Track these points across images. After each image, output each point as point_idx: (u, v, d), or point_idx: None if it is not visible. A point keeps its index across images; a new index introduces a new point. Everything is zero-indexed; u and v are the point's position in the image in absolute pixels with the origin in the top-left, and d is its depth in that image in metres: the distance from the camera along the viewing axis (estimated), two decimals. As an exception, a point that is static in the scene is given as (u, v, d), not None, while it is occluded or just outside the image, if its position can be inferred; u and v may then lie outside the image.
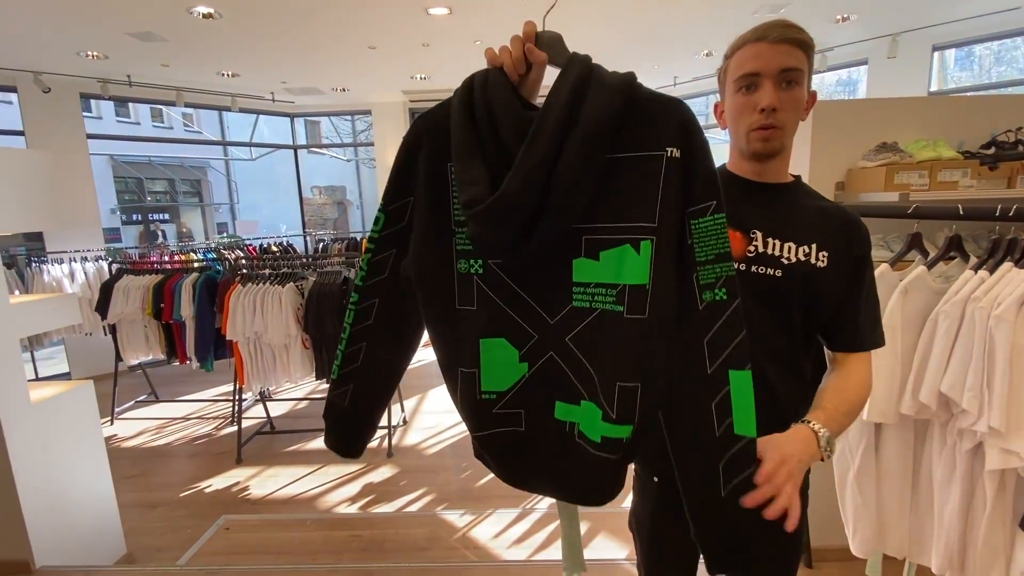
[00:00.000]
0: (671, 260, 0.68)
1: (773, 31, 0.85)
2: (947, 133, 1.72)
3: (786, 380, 0.92)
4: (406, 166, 0.77)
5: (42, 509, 2.10)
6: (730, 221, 0.92)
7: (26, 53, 4.28)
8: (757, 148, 0.90)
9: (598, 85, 0.67)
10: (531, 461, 0.80)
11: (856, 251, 0.91)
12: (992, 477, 1.09)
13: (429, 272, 0.76)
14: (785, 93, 0.85)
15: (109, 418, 4.14)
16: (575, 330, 0.72)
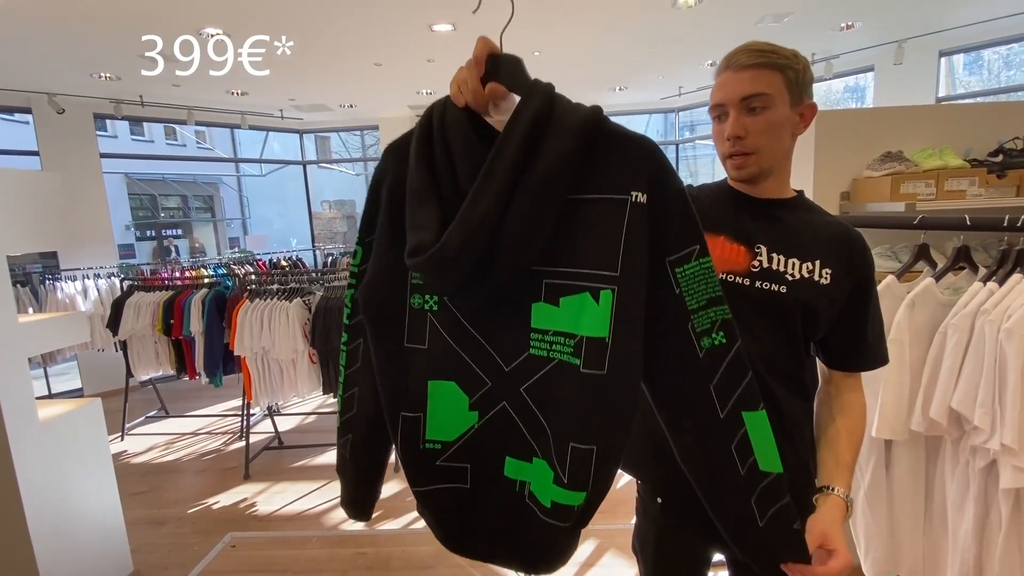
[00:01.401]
0: (637, 313, 0.62)
1: (737, 58, 0.86)
2: (953, 141, 1.70)
3: (789, 393, 0.91)
4: (374, 198, 0.72)
5: (49, 528, 2.10)
6: (735, 235, 0.92)
7: (41, 75, 4.39)
8: (732, 175, 0.92)
9: (559, 121, 0.61)
10: (475, 523, 0.74)
11: (859, 273, 0.91)
12: (1007, 496, 1.05)
13: (380, 303, 0.70)
14: (751, 119, 0.85)
15: (120, 434, 4.17)
16: (531, 380, 0.67)
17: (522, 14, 3.55)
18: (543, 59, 4.59)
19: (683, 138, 7.23)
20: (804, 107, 0.88)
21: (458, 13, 3.50)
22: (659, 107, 6.70)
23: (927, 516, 1.26)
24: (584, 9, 3.55)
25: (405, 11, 3.41)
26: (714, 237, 0.92)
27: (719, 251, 0.91)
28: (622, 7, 3.57)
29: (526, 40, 4.10)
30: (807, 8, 3.75)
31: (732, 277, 0.90)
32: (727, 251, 0.91)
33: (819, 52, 4.78)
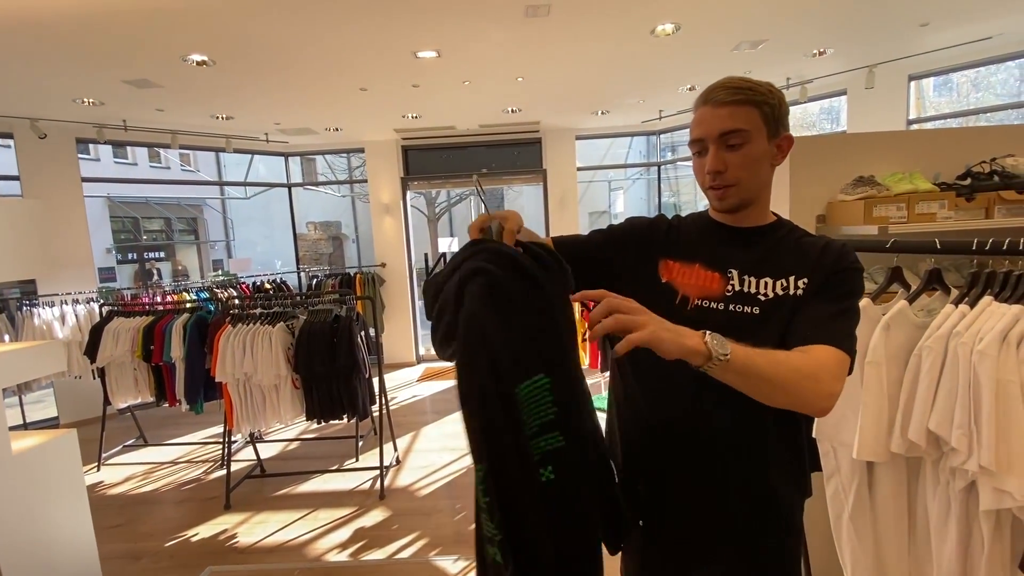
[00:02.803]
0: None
1: (716, 94, 0.88)
2: (922, 165, 1.75)
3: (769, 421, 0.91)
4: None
5: (20, 563, 2.02)
6: (708, 262, 0.94)
7: (23, 100, 4.36)
8: (715, 205, 0.95)
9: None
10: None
11: (833, 265, 0.89)
12: (988, 517, 1.06)
13: None
14: (730, 154, 0.88)
15: (96, 464, 4.05)
16: None
17: (503, 41, 3.63)
18: (526, 84, 4.67)
19: (664, 159, 7.36)
20: (781, 139, 0.91)
21: (442, 40, 3.56)
22: (641, 130, 6.84)
23: (911, 536, 1.27)
24: (565, 38, 3.63)
25: (390, 38, 3.46)
26: (690, 265, 0.94)
27: (694, 278, 0.93)
28: (602, 35, 3.66)
29: (508, 67, 4.19)
30: (781, 35, 3.89)
31: (707, 303, 0.92)
32: (701, 278, 0.93)
33: (793, 76, 4.94)
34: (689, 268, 0.94)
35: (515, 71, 4.32)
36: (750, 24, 3.66)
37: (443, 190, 11.68)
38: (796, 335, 0.85)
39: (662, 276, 0.95)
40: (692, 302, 0.93)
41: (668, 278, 0.95)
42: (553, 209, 6.60)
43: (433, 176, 6.91)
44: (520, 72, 4.35)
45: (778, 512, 0.94)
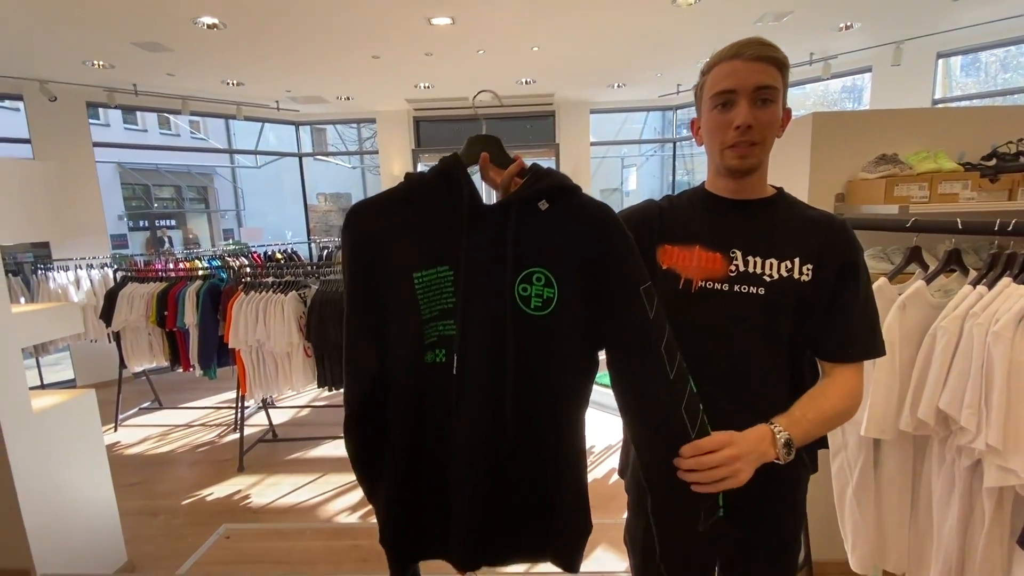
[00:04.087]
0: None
1: (748, 48, 0.86)
2: (947, 144, 1.71)
3: (772, 397, 0.92)
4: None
5: (43, 518, 2.10)
6: (709, 243, 0.93)
7: (32, 62, 4.33)
8: (733, 165, 0.91)
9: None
10: None
11: (842, 259, 0.91)
12: (990, 495, 1.07)
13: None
14: (760, 111, 0.86)
15: (113, 425, 4.16)
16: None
17: (521, 8, 3.55)
18: (542, 54, 4.58)
19: (680, 136, 7.23)
20: (786, 109, 0.90)
21: (457, 7, 3.48)
22: (657, 105, 6.71)
23: (913, 513, 1.29)
24: (583, 5, 3.54)
25: (404, 4, 3.39)
26: (689, 248, 0.93)
27: (695, 261, 0.92)
28: (621, 3, 3.56)
29: (523, 35, 4.09)
30: (807, 7, 3.76)
31: (711, 284, 0.91)
32: (703, 260, 0.92)
33: (817, 52, 4.80)
34: (689, 251, 0.93)
35: (531, 40, 4.23)
36: (774, -5, 3.55)
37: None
38: (832, 345, 0.93)
39: (662, 263, 0.95)
40: (696, 284, 0.92)
41: (669, 264, 0.94)
42: (564, 184, 6.54)
43: (445, 148, 6.84)
44: (536, 41, 4.26)
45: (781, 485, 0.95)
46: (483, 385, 0.80)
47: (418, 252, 0.81)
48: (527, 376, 0.81)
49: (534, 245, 0.80)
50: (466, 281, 0.80)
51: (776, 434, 0.82)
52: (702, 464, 0.78)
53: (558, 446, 0.84)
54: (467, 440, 0.82)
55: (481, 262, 0.80)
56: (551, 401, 0.83)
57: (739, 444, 0.79)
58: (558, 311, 0.80)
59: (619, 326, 0.82)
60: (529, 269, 0.80)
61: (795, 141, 1.82)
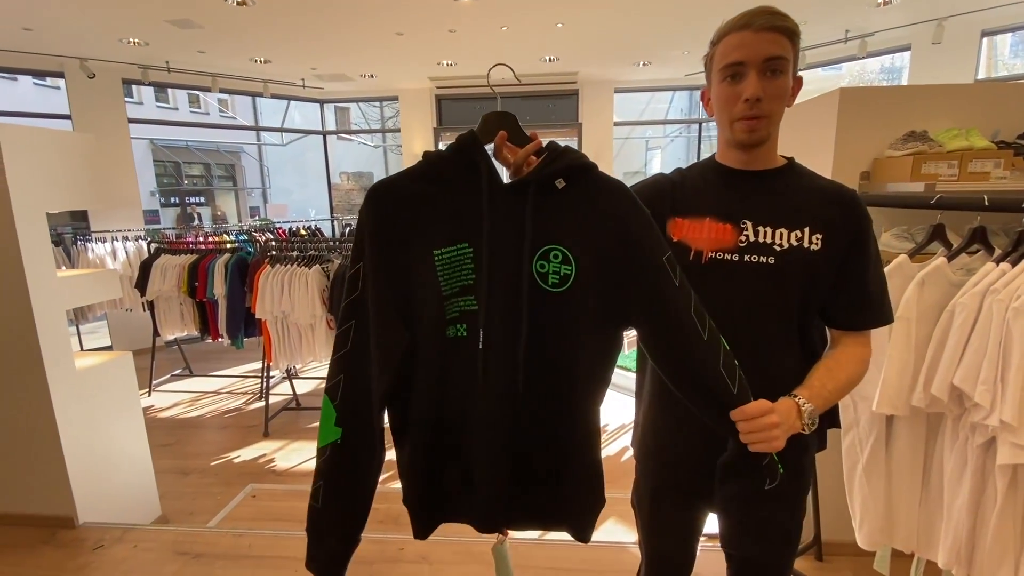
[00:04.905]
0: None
1: (758, 19, 0.85)
2: (983, 122, 1.66)
3: (786, 364, 0.93)
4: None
5: (85, 470, 2.24)
6: (719, 214, 0.94)
7: (72, 40, 4.47)
8: (742, 138, 0.90)
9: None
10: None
11: (852, 229, 0.91)
12: (1003, 472, 1.07)
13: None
14: (769, 82, 0.85)
15: (147, 390, 4.36)
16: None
17: (547, -16, 3.50)
18: (566, 31, 4.52)
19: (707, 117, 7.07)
20: (796, 79, 0.89)
21: (482, -18, 3.46)
22: (683, 84, 6.56)
23: (924, 491, 1.29)
24: (610, -21, 3.48)
25: (429, -21, 3.38)
26: (699, 220, 0.94)
27: (706, 232, 0.93)
28: (650, -22, 3.49)
29: (548, 10, 4.04)
30: (843, -18, 3.64)
31: (721, 255, 0.92)
32: (714, 231, 0.93)
33: (853, 29, 4.63)
34: (699, 223, 0.94)
35: (555, 16, 4.18)
36: (810, -32, 3.43)
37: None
38: (843, 315, 0.95)
39: (673, 235, 0.95)
40: (706, 255, 0.93)
41: (679, 236, 0.95)
42: (587, 165, 6.49)
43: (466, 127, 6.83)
44: (560, 17, 4.21)
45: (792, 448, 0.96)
46: (505, 358, 0.83)
47: (438, 230, 0.83)
48: (543, 351, 0.83)
49: (551, 223, 0.82)
50: (488, 259, 0.82)
51: (801, 407, 0.85)
52: (746, 428, 0.81)
53: (574, 419, 0.87)
54: (489, 411, 0.85)
55: (500, 240, 0.82)
56: (567, 376, 0.85)
57: (779, 412, 0.82)
58: (575, 288, 0.82)
59: (648, 299, 0.83)
60: (547, 247, 0.82)
61: (820, 117, 1.78)
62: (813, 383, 0.89)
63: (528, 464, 0.88)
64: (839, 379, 0.91)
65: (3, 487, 2.21)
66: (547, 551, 2.11)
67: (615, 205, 0.83)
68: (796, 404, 0.85)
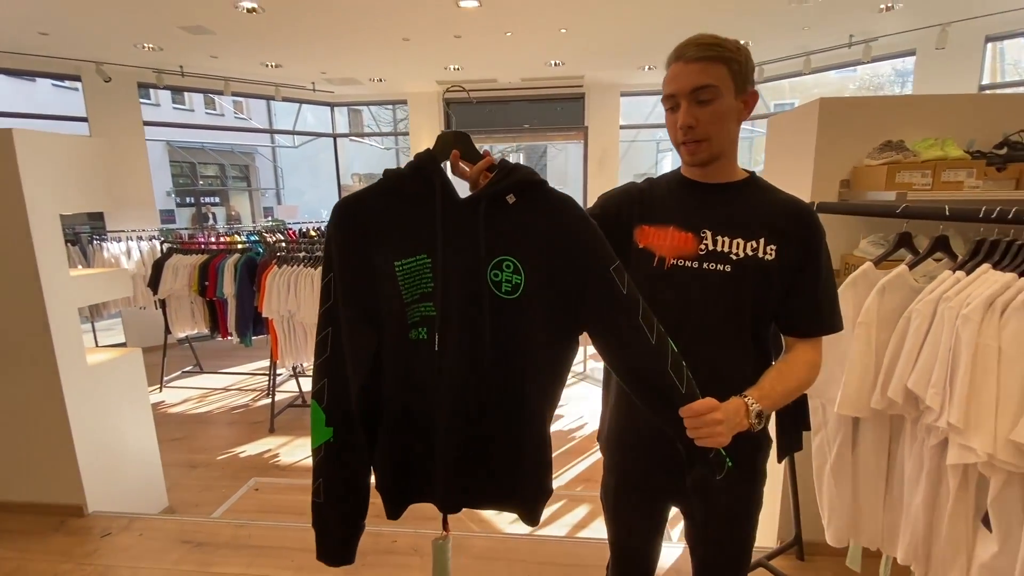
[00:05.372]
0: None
1: (688, 51, 0.91)
2: (961, 132, 1.69)
3: (740, 365, 0.99)
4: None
5: (95, 461, 2.35)
6: (682, 223, 1.00)
7: (90, 45, 4.62)
8: (687, 160, 0.99)
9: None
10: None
11: (805, 242, 0.96)
12: (954, 472, 1.11)
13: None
14: (701, 109, 0.92)
15: (158, 386, 4.50)
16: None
17: (546, -8, 3.57)
18: (570, 36, 4.58)
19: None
20: (748, 95, 0.95)
21: (484, -10, 3.54)
22: (690, 88, 6.57)
23: (888, 490, 1.33)
24: (610, -13, 3.54)
25: (432, -13, 3.46)
26: (664, 228, 1.00)
27: (669, 240, 0.99)
28: (649, -15, 3.54)
29: (551, 17, 4.11)
30: (843, -12, 3.65)
31: (683, 262, 0.98)
32: (676, 239, 0.99)
33: (858, 34, 4.63)
34: (664, 231, 1.00)
35: (558, 22, 4.24)
36: (808, -25, 3.46)
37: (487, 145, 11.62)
38: (794, 321, 1.01)
39: (639, 242, 1.02)
40: (668, 262, 0.99)
41: (644, 243, 1.02)
42: (592, 168, 6.53)
43: (474, 129, 6.91)
44: (563, 23, 4.27)
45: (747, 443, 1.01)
46: (460, 359, 0.90)
47: (399, 242, 0.90)
48: (496, 353, 0.90)
49: (503, 235, 0.88)
50: (443, 269, 0.89)
51: (749, 406, 0.90)
52: (691, 424, 0.87)
53: (525, 416, 0.94)
54: (447, 406, 0.92)
55: (455, 251, 0.89)
56: (519, 377, 0.92)
57: (723, 410, 0.87)
58: (525, 295, 0.89)
59: (596, 307, 0.90)
60: (499, 257, 0.89)
61: (802, 127, 1.83)
62: (764, 384, 0.94)
63: (482, 454, 0.95)
64: (789, 383, 0.97)
65: (16, 477, 2.32)
66: (534, 545, 2.17)
67: (562, 219, 0.89)
68: (744, 403, 0.91)
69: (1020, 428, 0.99)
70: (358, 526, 1.02)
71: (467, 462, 0.95)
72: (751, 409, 0.90)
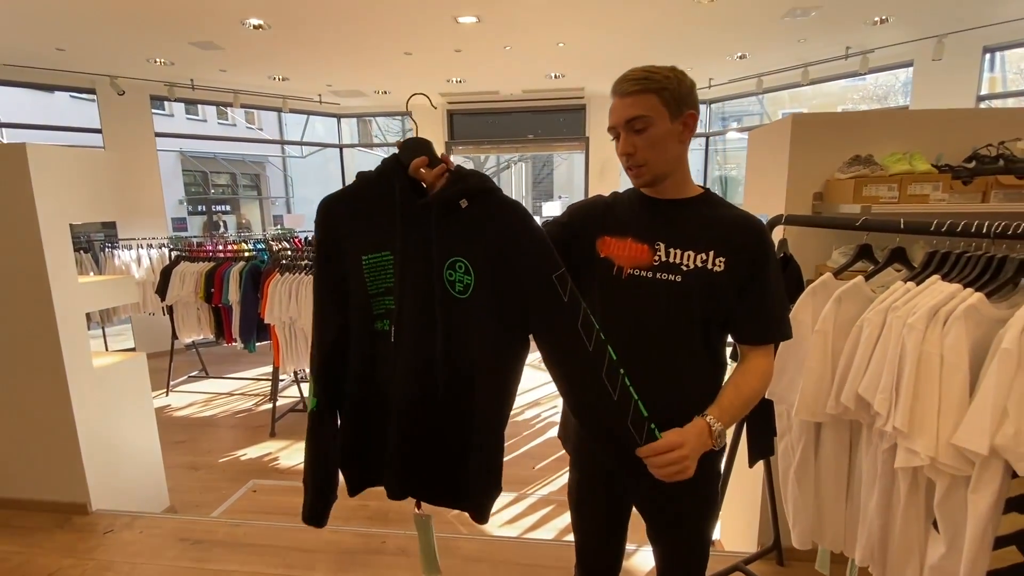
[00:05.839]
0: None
1: (620, 86, 1.00)
2: (932, 146, 1.74)
3: (691, 369, 1.05)
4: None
5: (99, 461, 2.44)
6: (638, 235, 1.07)
7: (104, 60, 4.80)
8: (634, 183, 1.08)
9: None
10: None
11: (754, 255, 1.02)
12: (904, 475, 1.15)
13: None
14: (637, 137, 1.00)
15: (165, 390, 4.61)
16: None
17: (543, 6, 3.66)
18: (568, 50, 4.67)
19: (713, 131, 7.13)
20: (685, 117, 1.01)
21: (481, 5, 3.64)
22: (690, 98, 6.63)
23: (849, 493, 1.37)
24: (606, 3, 3.62)
25: (431, 3, 3.57)
26: (623, 239, 1.07)
27: (627, 251, 1.06)
28: (643, 1, 3.63)
29: (548, 31, 4.21)
30: (836, 2, 3.70)
31: (638, 271, 1.05)
32: (633, 250, 1.05)
33: (853, 46, 4.67)
34: (623, 242, 1.07)
35: (555, 36, 4.34)
36: (799, -10, 3.52)
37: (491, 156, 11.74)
38: (746, 329, 1.06)
39: (600, 252, 1.09)
40: (626, 271, 1.06)
41: (605, 253, 1.08)
42: (593, 177, 6.61)
43: (478, 140, 7.02)
44: (561, 37, 4.37)
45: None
46: (413, 352, 0.97)
47: (367, 239, 0.99)
48: (448, 349, 0.97)
49: (456, 238, 0.95)
50: (401, 266, 0.97)
51: (712, 426, 0.97)
52: (656, 464, 0.92)
53: (476, 411, 0.99)
54: (401, 395, 0.99)
55: (413, 250, 0.97)
56: (469, 372, 0.98)
57: (688, 444, 0.93)
58: (476, 295, 0.96)
59: (537, 311, 0.96)
60: (453, 258, 0.96)
61: (775, 141, 1.89)
62: (723, 402, 1.01)
63: (434, 446, 1.01)
64: (745, 395, 1.03)
65: (24, 475, 2.41)
66: (520, 548, 2.22)
67: (509, 224, 0.95)
68: (707, 424, 0.97)
69: (960, 433, 1.03)
70: (328, 494, 1.10)
71: (416, 452, 1.01)
72: (714, 430, 0.97)
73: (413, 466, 1.02)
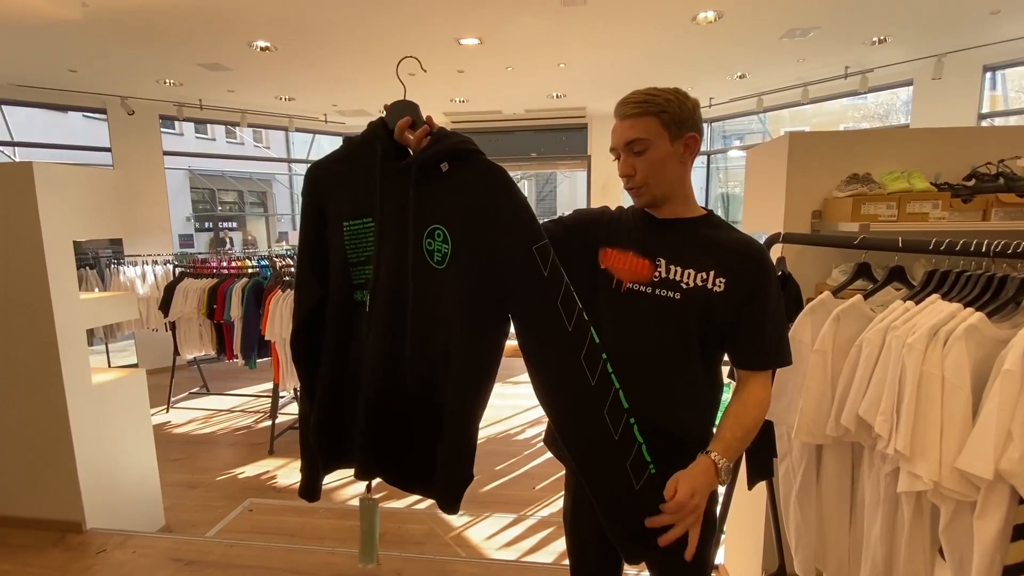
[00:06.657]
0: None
1: (621, 109, 1.01)
2: (931, 164, 1.74)
3: (685, 385, 1.04)
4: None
5: (96, 479, 2.42)
6: (640, 250, 1.06)
7: (114, 80, 4.89)
8: (635, 203, 1.08)
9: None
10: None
11: (754, 278, 1.01)
12: (909, 500, 1.12)
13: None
14: (637, 159, 1.00)
15: (166, 406, 4.59)
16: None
17: (542, 28, 3.72)
18: (569, 70, 4.73)
19: (715, 149, 7.17)
20: (686, 139, 1.01)
21: (482, 28, 3.70)
22: (692, 117, 6.68)
23: (852, 518, 1.33)
24: (604, 24, 3.68)
25: (433, 26, 3.63)
26: (625, 252, 1.07)
27: (628, 264, 1.05)
28: (641, 22, 3.68)
29: (549, 52, 4.26)
30: (834, 22, 3.74)
31: (637, 286, 1.04)
32: (634, 264, 1.05)
33: (853, 65, 4.71)
34: (624, 255, 1.06)
35: (556, 57, 4.40)
36: (798, 11, 3.56)
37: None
38: (744, 355, 1.06)
39: (601, 263, 1.08)
40: (625, 285, 1.05)
41: (606, 264, 1.08)
42: (595, 195, 6.64)
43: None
44: (561, 58, 4.42)
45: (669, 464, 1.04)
46: (385, 325, 0.93)
47: (349, 204, 0.95)
48: (423, 323, 0.91)
49: (435, 203, 0.90)
50: (380, 233, 0.93)
51: (718, 464, 0.96)
52: (678, 518, 0.91)
53: (449, 391, 0.94)
54: (371, 370, 0.95)
55: (392, 216, 0.92)
56: (444, 349, 0.93)
57: (700, 491, 0.92)
58: (452, 266, 0.90)
59: (513, 283, 0.90)
60: (432, 225, 0.91)
61: (773, 160, 1.89)
62: (724, 435, 0.99)
63: (403, 425, 0.97)
64: (746, 425, 1.02)
65: (19, 492, 2.40)
66: (521, 573, 2.17)
67: (489, 189, 0.90)
68: (712, 462, 0.95)
69: (963, 456, 1.00)
70: (317, 469, 1.11)
71: (385, 436, 0.97)
72: (720, 467, 0.95)
73: (381, 448, 0.99)
